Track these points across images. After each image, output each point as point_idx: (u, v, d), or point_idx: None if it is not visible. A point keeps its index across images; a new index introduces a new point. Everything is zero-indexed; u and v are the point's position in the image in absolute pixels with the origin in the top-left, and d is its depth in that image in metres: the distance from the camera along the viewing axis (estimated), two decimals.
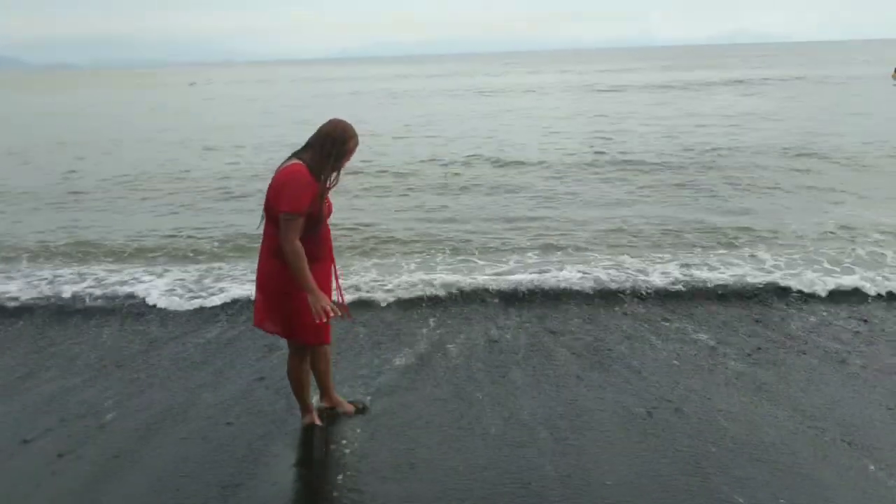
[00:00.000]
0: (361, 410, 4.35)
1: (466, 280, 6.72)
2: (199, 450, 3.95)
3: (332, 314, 3.54)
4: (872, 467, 3.61)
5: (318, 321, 3.52)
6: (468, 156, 15.19)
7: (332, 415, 4.27)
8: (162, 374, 5.00)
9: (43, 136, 22.57)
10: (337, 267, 4.05)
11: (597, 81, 46.59)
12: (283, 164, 3.62)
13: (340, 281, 4.11)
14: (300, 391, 4.11)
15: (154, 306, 6.41)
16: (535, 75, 62.82)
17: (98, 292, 6.75)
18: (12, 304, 6.56)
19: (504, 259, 7.57)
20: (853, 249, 7.47)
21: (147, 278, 7.11)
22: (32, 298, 6.64)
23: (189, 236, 9.12)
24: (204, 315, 6.22)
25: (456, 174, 13.33)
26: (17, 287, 6.94)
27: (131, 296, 6.63)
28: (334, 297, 3.95)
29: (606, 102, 29.84)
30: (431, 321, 5.92)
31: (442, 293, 6.44)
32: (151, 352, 5.43)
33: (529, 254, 7.77)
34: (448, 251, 8.02)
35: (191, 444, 4.01)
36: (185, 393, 4.65)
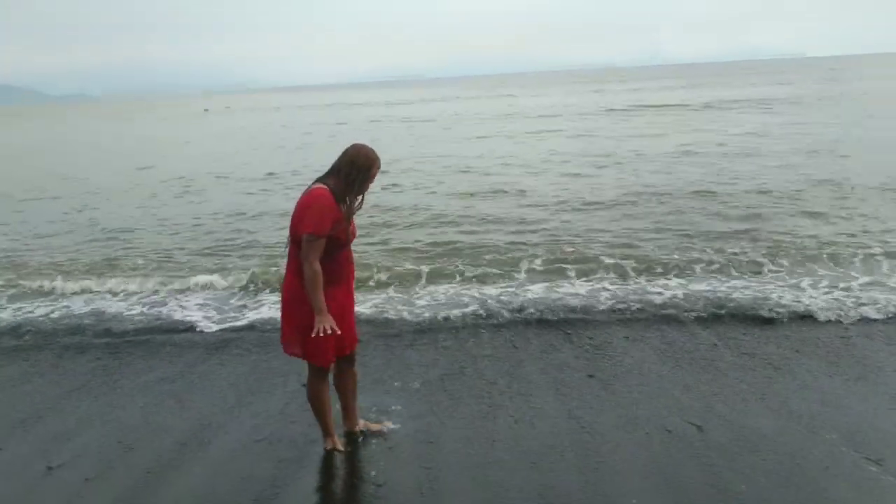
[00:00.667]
0: (383, 433, 4.36)
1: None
2: (225, 472, 3.98)
3: (333, 332, 3.63)
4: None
5: (312, 334, 3.62)
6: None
7: (353, 439, 4.26)
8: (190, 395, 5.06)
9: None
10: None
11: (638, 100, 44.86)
12: (308, 188, 3.70)
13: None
14: (321, 414, 4.12)
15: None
16: (558, 96, 60.83)
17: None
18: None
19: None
20: None
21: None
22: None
23: None
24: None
25: None
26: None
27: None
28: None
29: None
30: (450, 342, 5.95)
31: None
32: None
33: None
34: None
35: (217, 468, 4.04)
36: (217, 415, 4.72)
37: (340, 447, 4.18)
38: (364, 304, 6.77)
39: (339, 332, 3.69)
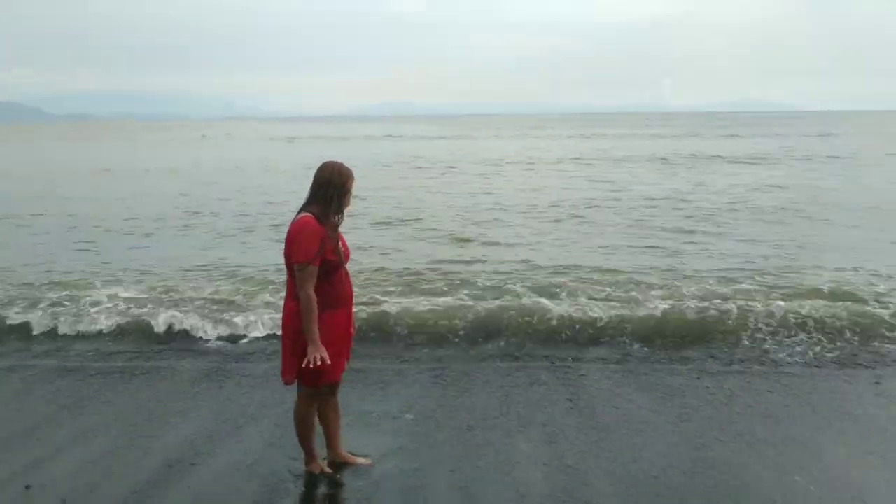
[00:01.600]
0: (364, 465, 4.34)
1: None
2: (209, 495, 3.97)
3: (324, 364, 3.69)
4: None
5: (305, 365, 3.69)
6: None
7: (335, 471, 4.25)
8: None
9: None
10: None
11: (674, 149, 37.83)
12: (294, 218, 3.80)
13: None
14: (306, 439, 4.16)
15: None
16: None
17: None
18: None
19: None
20: None
21: None
22: None
23: None
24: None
25: None
26: None
27: None
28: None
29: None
30: (438, 369, 5.99)
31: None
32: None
33: None
34: None
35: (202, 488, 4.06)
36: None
37: (327, 469, 4.22)
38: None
39: (328, 364, 3.71)
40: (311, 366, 3.66)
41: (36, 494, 4.04)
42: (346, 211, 3.90)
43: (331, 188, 3.74)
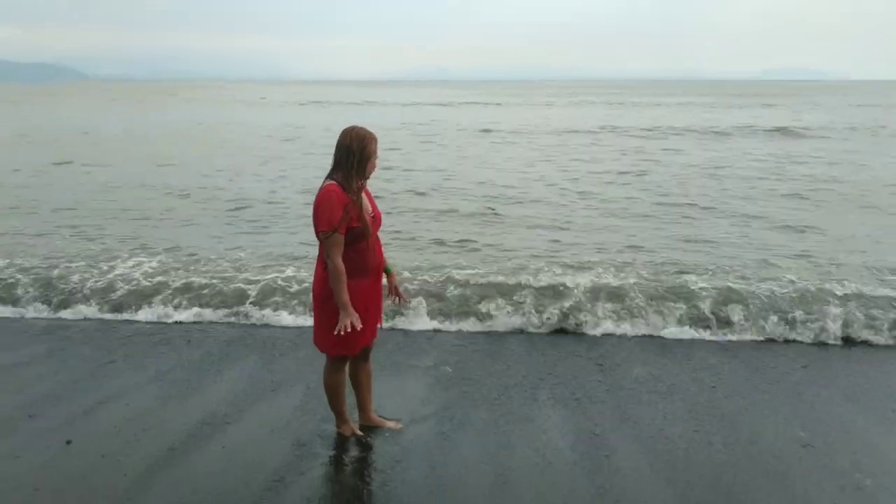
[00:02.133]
0: (395, 429, 4.42)
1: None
2: (242, 454, 4.06)
3: (355, 329, 3.69)
4: None
5: (336, 333, 3.69)
6: None
7: (366, 434, 4.32)
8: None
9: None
10: (394, 274, 4.23)
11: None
12: (320, 186, 3.80)
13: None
14: (336, 403, 4.23)
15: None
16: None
17: None
18: None
19: None
20: None
21: None
22: None
23: None
24: None
25: None
26: None
27: None
28: (386, 304, 4.19)
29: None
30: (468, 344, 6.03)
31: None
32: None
33: None
34: None
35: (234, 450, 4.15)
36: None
37: (358, 431, 4.30)
38: None
39: (359, 328, 3.72)
40: (343, 333, 3.67)
41: (76, 448, 4.18)
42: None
43: (351, 154, 3.71)
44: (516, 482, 3.81)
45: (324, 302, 3.84)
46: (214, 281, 7.47)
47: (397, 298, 4.26)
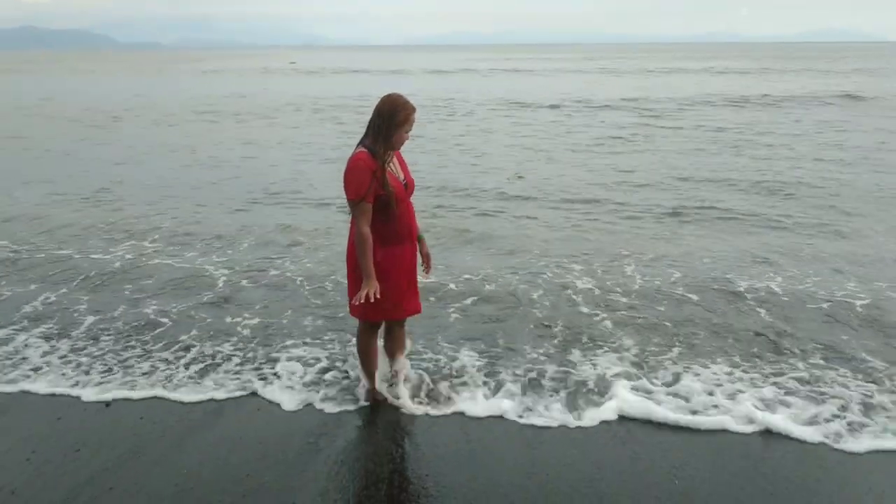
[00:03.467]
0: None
1: None
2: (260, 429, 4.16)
3: (370, 300, 3.67)
4: None
5: (355, 301, 3.71)
6: None
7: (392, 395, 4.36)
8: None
9: None
10: (425, 241, 4.17)
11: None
12: (352, 153, 3.78)
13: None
14: (365, 365, 4.28)
15: None
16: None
17: None
18: None
19: None
20: None
21: None
22: None
23: None
24: None
25: None
26: None
27: None
28: (419, 273, 4.15)
29: None
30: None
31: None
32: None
33: None
34: None
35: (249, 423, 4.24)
36: None
37: (382, 394, 4.32)
38: None
39: (373, 300, 3.68)
40: (361, 301, 3.66)
41: (116, 410, 4.30)
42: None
43: (380, 119, 3.69)
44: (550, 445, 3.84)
45: (354, 268, 3.87)
46: None
47: (425, 266, 4.22)
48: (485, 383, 4.54)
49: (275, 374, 4.72)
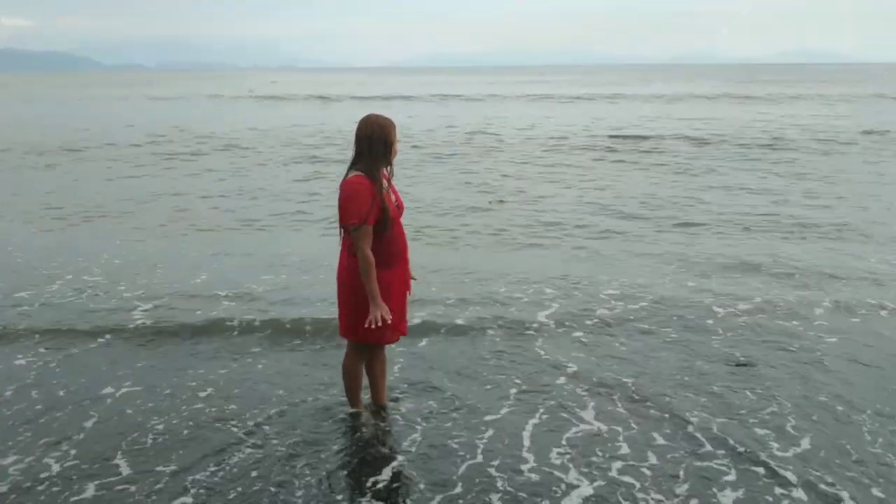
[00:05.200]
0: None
1: None
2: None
3: (387, 322, 3.83)
4: None
5: (367, 325, 3.79)
6: None
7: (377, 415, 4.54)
8: None
9: None
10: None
11: None
12: (344, 177, 3.84)
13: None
14: (352, 389, 4.41)
15: None
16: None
17: None
18: None
19: None
20: None
21: None
22: None
23: None
24: None
25: None
26: None
27: None
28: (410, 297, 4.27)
29: None
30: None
31: None
32: None
33: None
34: None
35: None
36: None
37: (370, 416, 4.44)
38: None
39: (389, 321, 3.81)
40: (374, 326, 3.74)
41: None
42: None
43: (374, 143, 3.73)
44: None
45: (352, 291, 3.89)
46: None
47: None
48: None
49: None
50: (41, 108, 43.35)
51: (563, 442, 4.23)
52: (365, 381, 4.54)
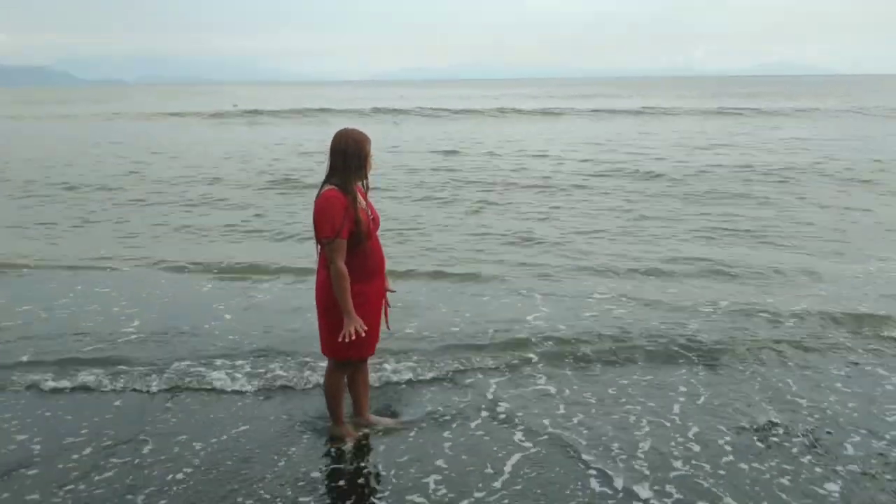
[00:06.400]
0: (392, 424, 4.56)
1: None
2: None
3: (359, 336, 3.78)
4: None
5: (340, 339, 3.75)
6: None
7: (364, 432, 4.46)
8: None
9: None
10: (388, 280, 4.22)
11: None
12: (318, 192, 3.83)
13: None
14: (334, 406, 4.33)
15: None
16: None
17: None
18: None
19: None
20: None
21: None
22: None
23: None
24: None
25: None
26: None
27: None
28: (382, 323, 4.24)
29: None
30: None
31: None
32: None
33: None
34: None
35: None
36: None
37: (354, 433, 4.39)
38: None
39: (363, 334, 3.79)
40: (348, 339, 3.72)
41: None
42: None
43: (349, 157, 3.73)
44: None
45: (328, 308, 3.86)
46: None
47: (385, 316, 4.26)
48: None
49: None
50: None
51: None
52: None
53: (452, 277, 8.08)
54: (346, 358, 4.06)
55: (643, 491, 3.78)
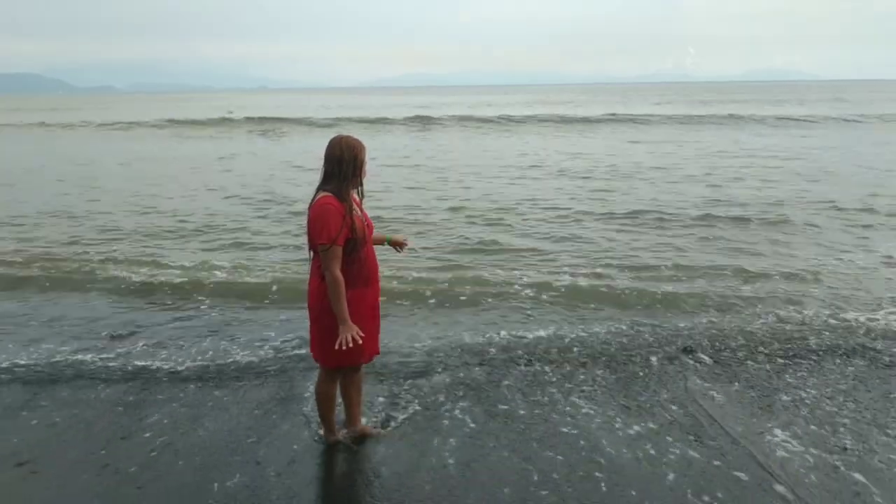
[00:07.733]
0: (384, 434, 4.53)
1: None
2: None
3: (356, 343, 3.74)
4: None
5: (337, 347, 3.71)
6: None
7: (356, 440, 4.42)
8: None
9: None
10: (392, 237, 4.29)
11: None
12: (312, 199, 3.79)
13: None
14: (326, 413, 4.30)
15: None
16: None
17: None
18: None
19: None
20: None
21: None
22: None
23: None
24: None
25: None
26: None
27: None
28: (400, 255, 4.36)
29: None
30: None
31: None
32: None
33: None
34: None
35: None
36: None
37: (346, 440, 4.38)
38: None
39: (360, 341, 3.75)
40: (344, 347, 3.69)
41: None
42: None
43: (344, 164, 3.72)
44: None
45: (321, 315, 3.84)
46: None
47: (401, 247, 4.30)
48: None
49: None
50: None
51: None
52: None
53: None
54: (338, 366, 4.03)
55: None
